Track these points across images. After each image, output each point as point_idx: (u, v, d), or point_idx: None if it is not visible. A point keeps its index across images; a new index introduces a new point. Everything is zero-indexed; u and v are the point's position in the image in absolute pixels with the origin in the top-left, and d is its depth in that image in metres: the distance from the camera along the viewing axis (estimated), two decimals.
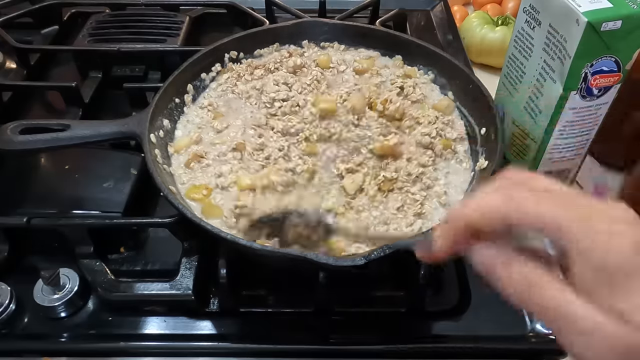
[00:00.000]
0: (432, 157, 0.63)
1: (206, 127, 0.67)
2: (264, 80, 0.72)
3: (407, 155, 0.63)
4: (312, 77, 0.72)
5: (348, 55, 0.78)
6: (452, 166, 0.64)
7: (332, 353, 0.56)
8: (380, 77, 0.73)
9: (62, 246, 0.60)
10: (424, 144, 0.64)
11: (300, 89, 0.71)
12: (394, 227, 0.56)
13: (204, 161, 0.62)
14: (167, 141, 0.65)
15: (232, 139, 0.65)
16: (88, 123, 0.65)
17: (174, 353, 0.56)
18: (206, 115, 0.69)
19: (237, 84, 0.72)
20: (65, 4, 1.01)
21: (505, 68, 0.77)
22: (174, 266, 0.59)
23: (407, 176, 0.61)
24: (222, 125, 0.67)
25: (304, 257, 0.47)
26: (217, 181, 0.60)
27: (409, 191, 0.59)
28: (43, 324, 0.56)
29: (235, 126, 0.67)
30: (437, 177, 0.62)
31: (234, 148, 0.63)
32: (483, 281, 0.32)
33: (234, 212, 0.56)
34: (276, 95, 0.69)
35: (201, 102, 0.71)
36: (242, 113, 0.69)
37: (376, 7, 0.98)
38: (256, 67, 0.75)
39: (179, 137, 0.66)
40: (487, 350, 0.55)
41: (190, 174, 0.61)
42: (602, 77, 0.63)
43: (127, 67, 0.89)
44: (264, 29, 0.80)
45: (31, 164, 0.70)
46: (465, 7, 1.20)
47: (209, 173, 0.61)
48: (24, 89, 0.86)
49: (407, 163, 0.62)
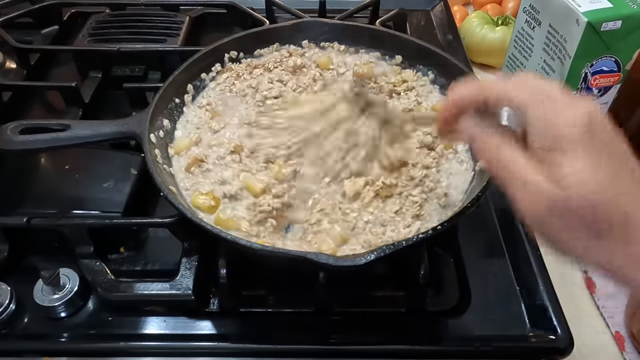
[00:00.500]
0: (436, 159, 0.63)
1: (204, 127, 0.67)
2: (259, 79, 0.73)
3: (411, 160, 0.62)
4: (310, 76, 0.72)
5: (349, 57, 0.78)
6: (453, 167, 0.64)
7: (332, 353, 0.56)
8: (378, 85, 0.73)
9: (62, 246, 0.60)
10: (426, 143, 0.64)
11: (295, 86, 0.71)
12: (392, 229, 0.56)
13: (205, 165, 0.62)
14: (167, 142, 0.64)
15: (229, 140, 0.65)
16: (88, 123, 0.65)
17: (174, 353, 0.56)
18: (204, 115, 0.69)
19: (235, 83, 0.72)
20: (65, 4, 1.01)
21: (505, 68, 0.77)
22: (174, 266, 0.59)
23: (410, 180, 0.60)
24: (219, 126, 0.66)
25: (304, 257, 0.47)
26: (223, 190, 0.59)
27: (410, 194, 0.59)
28: (43, 324, 0.56)
29: (232, 125, 0.67)
30: (439, 179, 0.61)
31: (232, 151, 0.63)
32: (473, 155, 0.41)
33: (256, 216, 0.56)
34: (268, 92, 0.70)
35: (200, 101, 0.71)
36: (238, 111, 0.69)
37: (376, 7, 0.98)
38: (255, 66, 0.75)
39: (178, 138, 0.66)
40: (487, 350, 0.55)
41: (192, 179, 0.61)
42: (602, 77, 0.64)
43: (127, 67, 0.89)
44: (264, 29, 0.79)
45: (31, 164, 0.70)
46: (465, 7, 1.20)
47: (212, 179, 0.60)
48: (24, 89, 0.86)
49: (412, 167, 0.61)
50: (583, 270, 0.71)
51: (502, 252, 0.63)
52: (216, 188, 0.59)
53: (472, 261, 0.62)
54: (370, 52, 0.78)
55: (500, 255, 0.63)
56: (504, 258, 0.62)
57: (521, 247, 0.62)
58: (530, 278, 0.59)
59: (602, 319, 0.66)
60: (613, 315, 0.66)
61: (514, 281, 0.60)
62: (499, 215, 0.67)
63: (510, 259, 0.62)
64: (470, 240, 0.64)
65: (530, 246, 0.62)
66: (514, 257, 0.62)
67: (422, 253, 0.55)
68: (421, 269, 0.54)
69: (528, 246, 0.62)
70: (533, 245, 0.62)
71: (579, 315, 0.66)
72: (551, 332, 0.55)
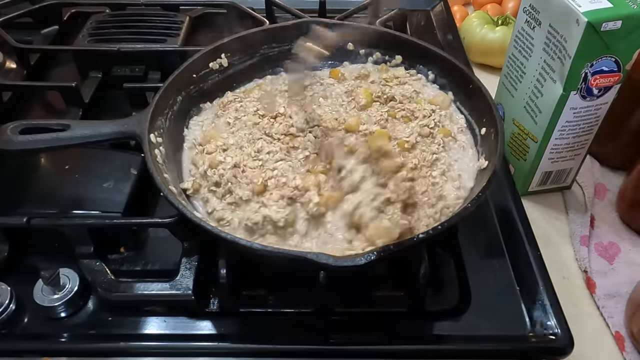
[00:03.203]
0: (441, 144, 0.65)
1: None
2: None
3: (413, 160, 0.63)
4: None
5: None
6: (458, 152, 0.66)
7: (332, 353, 0.56)
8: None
9: (62, 246, 0.60)
10: (424, 134, 0.66)
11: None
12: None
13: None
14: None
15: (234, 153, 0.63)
16: (88, 123, 0.65)
17: (174, 353, 0.56)
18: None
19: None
20: (65, 4, 1.01)
21: (505, 68, 0.77)
22: (174, 266, 0.59)
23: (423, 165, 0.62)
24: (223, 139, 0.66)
25: (304, 257, 0.47)
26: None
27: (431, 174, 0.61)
28: (43, 324, 0.56)
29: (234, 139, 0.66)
30: (450, 162, 0.64)
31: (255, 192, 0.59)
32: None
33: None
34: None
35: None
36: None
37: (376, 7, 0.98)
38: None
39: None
40: (487, 350, 0.55)
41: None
42: (602, 77, 0.64)
43: (127, 67, 0.89)
44: (264, 29, 0.79)
45: (31, 164, 0.70)
46: (465, 7, 1.21)
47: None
48: (24, 89, 0.86)
49: (422, 152, 0.63)
50: (583, 270, 0.71)
51: (502, 252, 0.63)
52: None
53: (472, 261, 0.62)
54: (367, 50, 0.78)
55: (500, 255, 0.63)
56: (504, 258, 0.62)
57: (521, 247, 0.62)
58: (530, 278, 0.59)
59: (602, 319, 0.66)
60: (613, 315, 0.65)
61: (514, 281, 0.60)
62: (499, 215, 0.67)
63: (510, 259, 0.62)
64: (470, 240, 0.64)
65: (530, 246, 0.62)
66: (514, 257, 0.62)
67: (422, 253, 0.55)
68: (421, 269, 0.54)
69: (528, 246, 0.62)
70: (533, 245, 0.62)
71: (579, 315, 0.66)
72: (551, 332, 0.55)
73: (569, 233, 0.76)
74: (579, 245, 0.73)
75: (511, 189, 0.70)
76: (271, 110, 0.68)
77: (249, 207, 0.57)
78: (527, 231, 0.64)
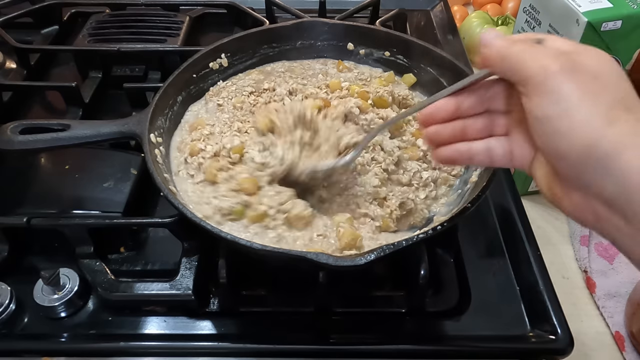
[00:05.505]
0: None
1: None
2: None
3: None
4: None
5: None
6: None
7: (332, 353, 0.56)
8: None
9: (62, 246, 0.60)
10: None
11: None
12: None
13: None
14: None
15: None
16: (88, 123, 0.65)
17: (174, 353, 0.56)
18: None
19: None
20: (65, 4, 1.01)
21: None
22: (174, 266, 0.59)
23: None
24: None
25: (304, 257, 0.47)
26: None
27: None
28: (43, 324, 0.56)
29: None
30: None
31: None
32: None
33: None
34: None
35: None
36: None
37: (376, 7, 0.98)
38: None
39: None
40: (487, 350, 0.55)
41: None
42: None
43: (127, 67, 0.89)
44: (264, 29, 0.79)
45: (31, 164, 0.70)
46: (465, 7, 1.20)
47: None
48: (24, 89, 0.86)
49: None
50: (583, 270, 0.71)
51: (502, 252, 0.63)
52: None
53: (472, 261, 0.62)
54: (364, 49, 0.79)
55: (500, 255, 0.63)
56: (504, 258, 0.62)
57: (521, 247, 0.62)
58: (530, 278, 0.59)
59: (602, 319, 0.66)
60: (613, 315, 0.66)
61: (514, 281, 0.60)
62: (499, 215, 0.67)
63: (510, 259, 0.62)
64: (470, 240, 0.64)
65: (530, 246, 0.62)
66: (514, 257, 0.62)
67: (422, 253, 0.55)
68: (421, 269, 0.54)
69: (528, 246, 0.62)
70: (533, 245, 0.62)
71: (579, 315, 0.66)
72: (551, 332, 0.55)
73: (569, 233, 0.76)
74: (578, 245, 0.73)
75: (511, 189, 0.70)
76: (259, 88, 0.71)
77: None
78: (527, 231, 0.64)
